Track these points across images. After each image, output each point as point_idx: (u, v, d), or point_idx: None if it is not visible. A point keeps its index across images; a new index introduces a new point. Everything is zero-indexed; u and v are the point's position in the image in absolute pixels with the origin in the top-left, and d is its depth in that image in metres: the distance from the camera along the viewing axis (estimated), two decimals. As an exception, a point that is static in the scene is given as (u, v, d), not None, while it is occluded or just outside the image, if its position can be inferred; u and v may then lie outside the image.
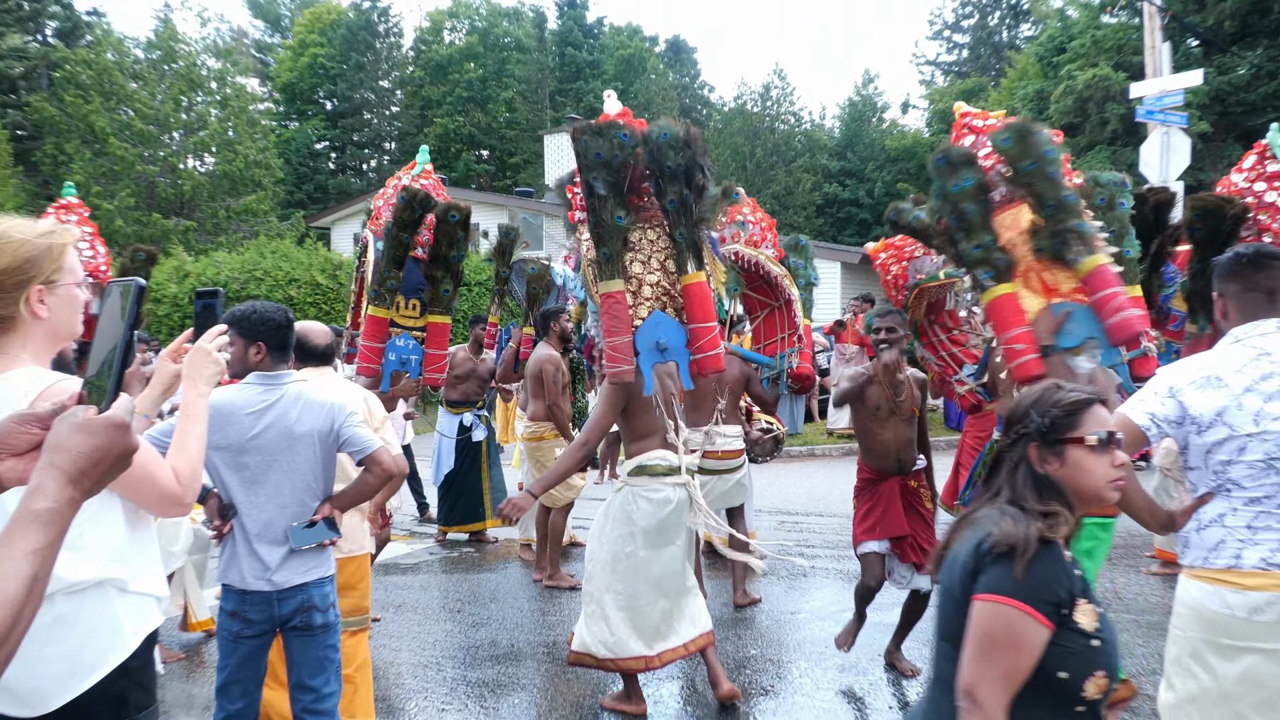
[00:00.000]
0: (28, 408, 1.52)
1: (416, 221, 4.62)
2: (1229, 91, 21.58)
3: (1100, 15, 24.34)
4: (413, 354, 4.79)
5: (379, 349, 4.70)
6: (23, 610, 0.99)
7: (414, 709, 4.33)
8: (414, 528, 8.53)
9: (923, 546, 4.43)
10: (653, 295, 4.00)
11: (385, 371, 4.74)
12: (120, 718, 2.00)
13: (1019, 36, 38.63)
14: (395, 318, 4.74)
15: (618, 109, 4.10)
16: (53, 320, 1.94)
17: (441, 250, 4.75)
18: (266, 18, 45.47)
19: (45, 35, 30.25)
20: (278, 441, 2.93)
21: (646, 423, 4.04)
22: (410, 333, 4.80)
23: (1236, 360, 2.35)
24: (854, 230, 35.35)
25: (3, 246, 1.84)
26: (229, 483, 2.95)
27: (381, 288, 4.65)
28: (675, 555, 4.06)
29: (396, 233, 4.58)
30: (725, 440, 5.80)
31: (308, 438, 2.96)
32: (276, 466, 2.93)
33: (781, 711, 4.19)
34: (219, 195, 26.40)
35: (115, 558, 2.02)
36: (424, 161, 5.03)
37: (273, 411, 2.94)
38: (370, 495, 3.18)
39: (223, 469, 2.94)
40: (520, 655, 5.02)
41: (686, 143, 3.83)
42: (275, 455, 2.93)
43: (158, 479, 1.96)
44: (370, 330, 4.70)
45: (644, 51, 42.18)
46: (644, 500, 3.97)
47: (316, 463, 3.00)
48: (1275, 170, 4.70)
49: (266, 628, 2.97)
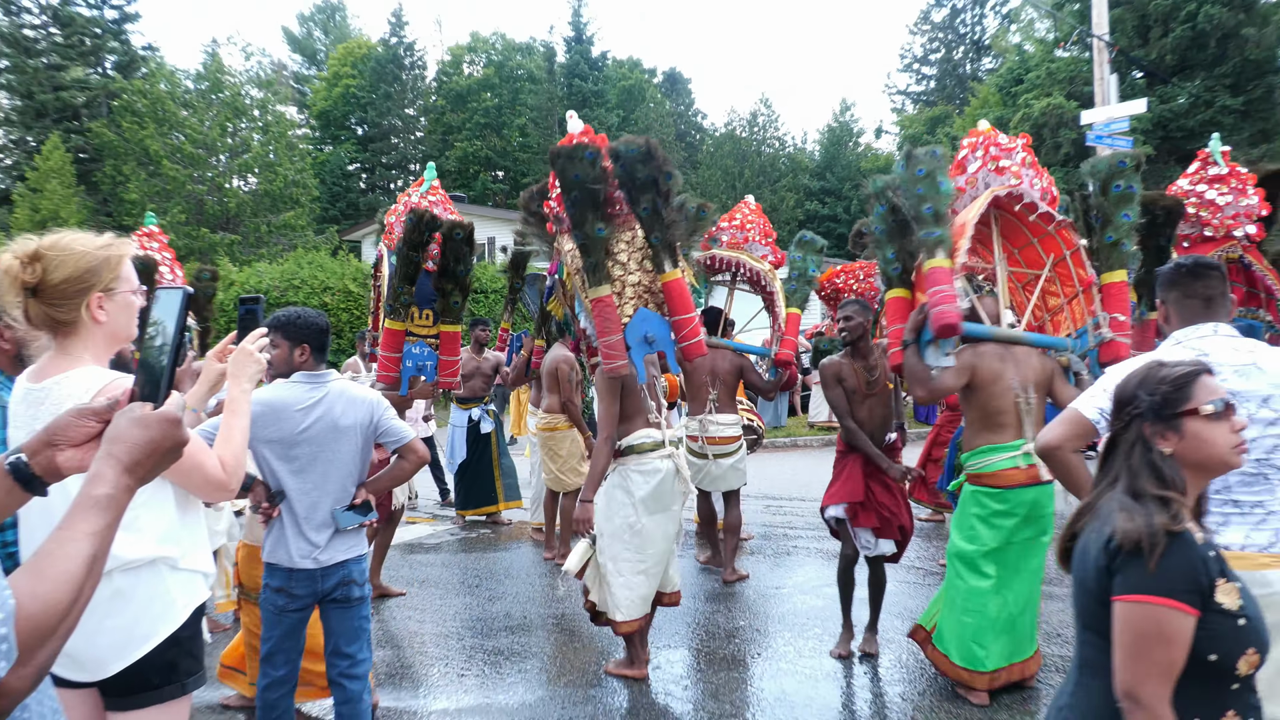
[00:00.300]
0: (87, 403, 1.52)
1: (425, 240, 4.57)
2: (1170, 118, 21.59)
3: (1054, 50, 24.36)
4: (428, 360, 4.77)
5: (396, 358, 4.68)
6: (83, 586, 0.99)
7: (436, 674, 4.33)
8: (436, 511, 8.53)
9: (881, 512, 4.34)
10: (635, 294, 4.05)
11: (404, 377, 4.72)
12: (170, 682, 2.01)
13: (981, 69, 38.62)
14: (411, 328, 4.72)
15: (580, 128, 4.10)
16: (111, 324, 1.94)
17: (449, 265, 4.69)
18: (304, 52, 45.49)
19: (105, 68, 30.26)
20: (324, 433, 2.93)
21: (633, 405, 4.10)
22: (425, 340, 4.77)
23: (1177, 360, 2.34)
24: (833, 243, 35.23)
25: (66, 258, 1.84)
26: (279, 472, 2.93)
27: (396, 302, 4.61)
28: (673, 519, 4.13)
29: (407, 252, 4.53)
30: (719, 428, 5.80)
31: (351, 430, 2.96)
32: (322, 456, 2.93)
33: (768, 676, 4.19)
34: (261, 212, 26.43)
35: (167, 538, 2.02)
36: (431, 178, 5.01)
37: (320, 407, 2.94)
38: (405, 480, 3.20)
39: (273, 459, 2.93)
40: (531, 626, 5.02)
41: (650, 155, 3.88)
42: (322, 446, 2.93)
43: (205, 467, 1.96)
44: (387, 341, 4.68)
45: (644, 82, 42.15)
46: (636, 474, 4.02)
47: (356, 452, 3.00)
48: (1215, 174, 4.86)
49: (309, 601, 2.98)
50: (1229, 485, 2.26)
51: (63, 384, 1.88)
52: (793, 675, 4.18)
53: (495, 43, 43.04)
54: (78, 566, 0.99)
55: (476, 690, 4.10)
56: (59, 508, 1.86)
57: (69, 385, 1.88)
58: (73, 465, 1.23)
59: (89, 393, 1.85)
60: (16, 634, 0.88)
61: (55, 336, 1.91)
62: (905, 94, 41.95)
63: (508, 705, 3.90)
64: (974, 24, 39.59)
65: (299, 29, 45.87)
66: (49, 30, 29.10)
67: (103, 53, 30.24)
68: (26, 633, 0.90)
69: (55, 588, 0.96)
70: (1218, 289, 2.41)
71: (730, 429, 5.83)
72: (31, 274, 1.80)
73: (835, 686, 4.06)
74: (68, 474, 1.23)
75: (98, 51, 30.08)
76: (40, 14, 29.06)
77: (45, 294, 1.83)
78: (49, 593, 0.95)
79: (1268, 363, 2.28)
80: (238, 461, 2.06)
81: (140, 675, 1.96)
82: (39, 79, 28.17)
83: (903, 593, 5.44)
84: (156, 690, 1.98)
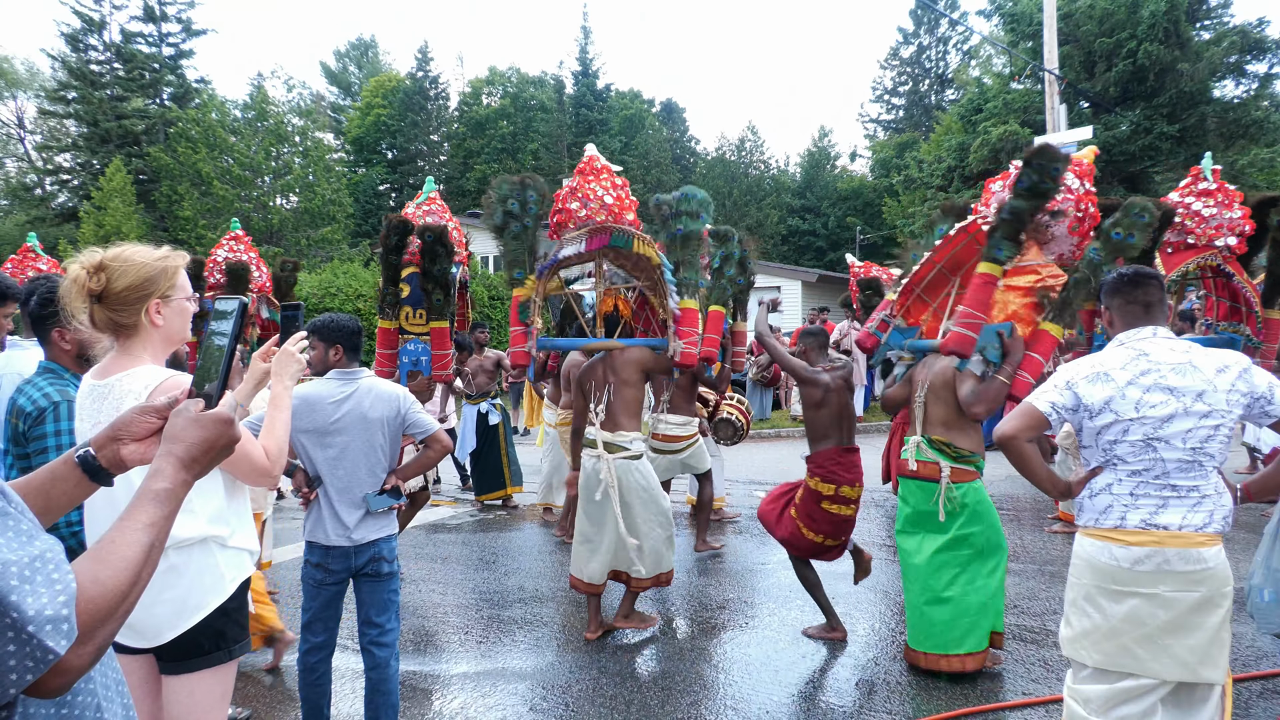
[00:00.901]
0: (146, 400, 1.51)
1: (400, 245, 4.48)
2: (1113, 144, 21.57)
3: (1010, 82, 24.33)
4: (423, 355, 4.72)
5: (390, 354, 4.61)
6: (141, 572, 0.99)
7: (457, 642, 4.32)
8: (457, 495, 8.52)
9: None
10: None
11: (401, 373, 4.68)
12: (219, 648, 2.00)
13: (945, 100, 38.56)
14: (405, 326, 4.66)
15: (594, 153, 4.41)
16: (167, 327, 1.94)
17: (426, 265, 4.55)
18: (340, 84, 45.41)
19: (163, 99, 30.21)
20: (355, 424, 2.93)
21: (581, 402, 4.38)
22: (419, 338, 4.73)
23: (1120, 359, 2.34)
24: (812, 255, 35.55)
25: (127, 268, 1.84)
26: (316, 459, 2.94)
27: (383, 303, 4.57)
28: (600, 509, 4.16)
29: (385, 256, 4.48)
30: (667, 427, 5.78)
31: (379, 421, 2.95)
32: (353, 445, 2.93)
33: (754, 644, 4.18)
34: (301, 227, 26.39)
35: (217, 519, 2.02)
36: (429, 190, 4.96)
37: (350, 401, 2.93)
38: (431, 467, 3.19)
39: (311, 447, 2.94)
40: (543, 598, 5.01)
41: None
42: (353, 436, 2.93)
43: (252, 456, 1.96)
44: (380, 340, 4.62)
45: (643, 111, 42.03)
46: (584, 461, 4.24)
47: (385, 441, 2.99)
48: (1203, 189, 4.85)
49: (344, 575, 2.97)
50: (1168, 471, 2.25)
51: (124, 381, 1.88)
52: (775, 643, 4.17)
53: (511, 76, 42.98)
54: (137, 554, 0.99)
55: (493, 656, 4.09)
56: (122, 495, 1.86)
57: (129, 382, 1.88)
58: (135, 458, 1.22)
59: (148, 389, 1.85)
60: (77, 615, 0.88)
61: (117, 339, 1.91)
62: (877, 122, 41.86)
63: (521, 669, 3.90)
64: (938, 60, 39.54)
65: (335, 64, 45.81)
66: (113, 65, 29.07)
67: (160, 85, 30.19)
68: (87, 614, 0.90)
69: (115, 573, 0.95)
70: (1156, 296, 2.41)
71: (678, 429, 5.78)
72: (97, 282, 1.81)
73: (816, 652, 4.05)
74: (131, 466, 1.23)
75: (156, 84, 30.04)
76: (105, 51, 29.02)
77: (108, 300, 1.83)
78: (109, 578, 0.94)
79: (1202, 362, 2.28)
80: (280, 450, 2.07)
81: (192, 642, 1.95)
82: (103, 109, 28.16)
83: (876, 569, 5.43)
84: (206, 655, 1.98)
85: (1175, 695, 2.28)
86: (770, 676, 3.74)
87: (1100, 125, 20.66)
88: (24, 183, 30.91)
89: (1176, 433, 2.23)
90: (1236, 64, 22.18)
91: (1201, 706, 2.27)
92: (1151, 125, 21.42)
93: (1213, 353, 2.31)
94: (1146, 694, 2.25)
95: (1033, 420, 2.37)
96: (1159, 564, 2.23)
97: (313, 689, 3.00)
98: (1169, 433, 2.23)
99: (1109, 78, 21.67)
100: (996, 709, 3.34)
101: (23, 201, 30.44)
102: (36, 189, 30.86)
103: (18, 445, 2.34)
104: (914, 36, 39.39)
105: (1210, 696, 2.27)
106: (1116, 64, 21.44)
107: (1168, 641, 2.22)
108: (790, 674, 3.78)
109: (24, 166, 31.78)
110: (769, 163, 40.23)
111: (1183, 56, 21.10)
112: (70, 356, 2.44)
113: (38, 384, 2.37)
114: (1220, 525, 2.25)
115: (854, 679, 3.71)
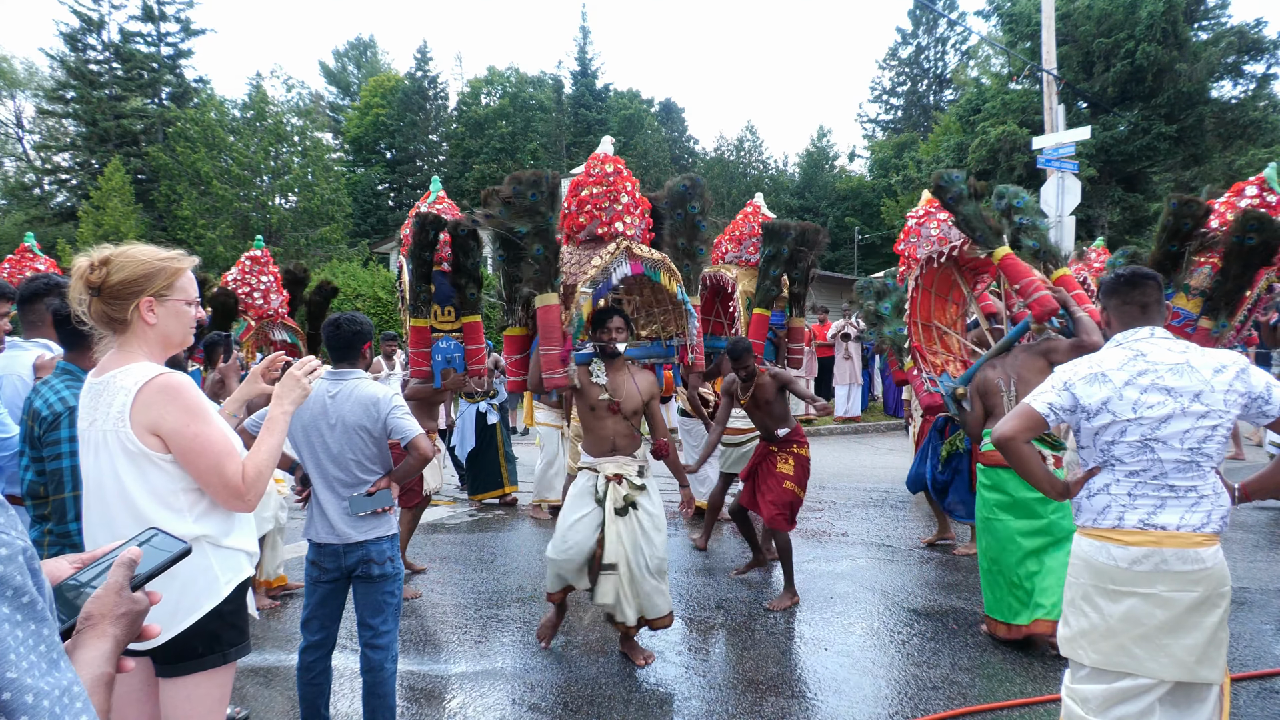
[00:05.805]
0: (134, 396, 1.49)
1: (433, 241, 4.49)
2: (1111, 144, 21.61)
3: (1008, 83, 24.35)
4: (455, 352, 4.73)
5: (425, 353, 4.64)
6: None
7: (456, 641, 4.31)
8: (457, 494, 8.51)
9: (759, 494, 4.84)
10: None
11: (435, 370, 4.68)
12: (214, 651, 1.98)
13: (943, 100, 38.59)
14: (435, 324, 4.67)
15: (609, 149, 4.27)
16: (161, 328, 1.93)
17: (459, 259, 4.59)
18: (338, 84, 45.36)
19: (161, 98, 30.20)
20: (337, 426, 2.93)
21: None
22: (450, 335, 4.74)
23: (1118, 360, 2.33)
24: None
25: (125, 263, 1.86)
26: (306, 459, 2.96)
27: (417, 301, 4.56)
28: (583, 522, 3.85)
29: (418, 253, 4.47)
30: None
31: (358, 425, 2.94)
32: (336, 446, 2.94)
33: (753, 644, 4.17)
34: (300, 227, 26.38)
35: (204, 518, 2.00)
36: (437, 190, 4.97)
37: (335, 402, 2.95)
38: (415, 473, 3.06)
39: (300, 446, 2.96)
40: (541, 597, 5.00)
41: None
42: (335, 436, 2.94)
43: (225, 472, 1.88)
44: (414, 339, 4.61)
45: (642, 111, 42.05)
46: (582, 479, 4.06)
47: (366, 445, 2.95)
48: (1269, 201, 4.84)
49: (337, 574, 2.96)
50: (1165, 472, 2.24)
51: (118, 377, 1.89)
52: (776, 642, 4.16)
53: (510, 76, 42.95)
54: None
55: (492, 655, 4.08)
56: (114, 498, 1.85)
57: (123, 378, 1.88)
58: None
59: (138, 385, 1.85)
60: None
61: (115, 335, 1.92)
62: (875, 122, 41.88)
63: (518, 668, 3.89)
64: (936, 60, 39.55)
65: (334, 63, 45.75)
66: (111, 65, 29.05)
67: (159, 85, 30.17)
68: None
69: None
70: (1153, 296, 2.40)
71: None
72: (97, 275, 1.84)
73: (816, 652, 4.04)
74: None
75: (155, 84, 30.02)
76: (104, 50, 29.01)
77: (104, 293, 1.85)
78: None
79: (1199, 362, 2.27)
80: (259, 475, 1.94)
81: (186, 645, 1.94)
82: (102, 108, 28.13)
83: (873, 569, 5.42)
84: (200, 659, 1.96)
85: (1173, 695, 2.27)
86: (770, 676, 3.73)
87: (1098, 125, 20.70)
88: (22, 182, 30.89)
89: (1174, 433, 2.22)
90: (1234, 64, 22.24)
91: (1199, 706, 2.26)
92: (1149, 125, 21.46)
93: (1210, 353, 2.30)
94: (1144, 694, 2.24)
95: (1031, 421, 2.36)
96: (1157, 564, 2.22)
97: (310, 688, 2.99)
98: (1166, 433, 2.22)
99: (1107, 78, 21.69)
100: (996, 709, 3.34)
101: (21, 201, 30.42)
102: (35, 188, 30.82)
103: (33, 448, 2.33)
104: (912, 37, 39.40)
105: (1208, 696, 2.27)
106: (1114, 64, 21.46)
107: (1165, 641, 2.21)
108: (790, 673, 3.77)
109: (22, 166, 31.76)
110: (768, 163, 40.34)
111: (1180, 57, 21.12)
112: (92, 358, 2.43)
113: (55, 386, 2.35)
114: (1218, 525, 2.24)
115: (855, 679, 3.71)
